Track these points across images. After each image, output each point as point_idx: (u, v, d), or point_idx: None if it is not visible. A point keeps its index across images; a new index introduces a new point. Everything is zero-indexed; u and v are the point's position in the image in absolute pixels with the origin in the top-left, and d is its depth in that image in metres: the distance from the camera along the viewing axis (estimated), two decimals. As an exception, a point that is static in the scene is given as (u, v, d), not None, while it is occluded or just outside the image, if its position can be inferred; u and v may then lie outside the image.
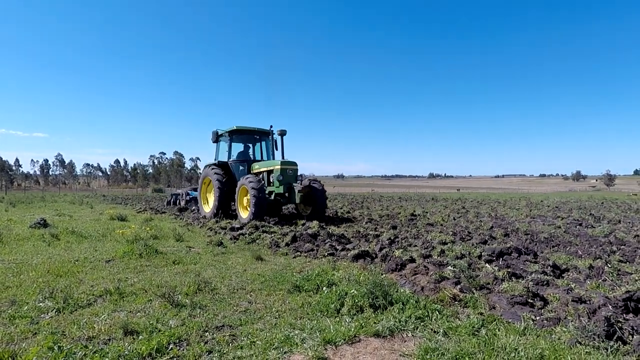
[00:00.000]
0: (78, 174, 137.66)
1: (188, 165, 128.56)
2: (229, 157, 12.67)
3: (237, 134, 12.71)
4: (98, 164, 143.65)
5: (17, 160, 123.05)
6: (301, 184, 11.29)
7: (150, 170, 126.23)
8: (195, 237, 8.25)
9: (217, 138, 12.83)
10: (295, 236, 7.46)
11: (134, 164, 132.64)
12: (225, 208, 11.96)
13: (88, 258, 5.77)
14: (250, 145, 13.46)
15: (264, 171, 11.66)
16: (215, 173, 11.95)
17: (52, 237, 7.52)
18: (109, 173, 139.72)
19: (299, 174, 11.59)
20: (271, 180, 11.21)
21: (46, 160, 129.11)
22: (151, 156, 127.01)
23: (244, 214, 10.79)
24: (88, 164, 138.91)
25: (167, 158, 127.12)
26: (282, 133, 11.85)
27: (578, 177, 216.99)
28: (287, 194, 10.93)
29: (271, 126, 12.55)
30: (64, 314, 3.36)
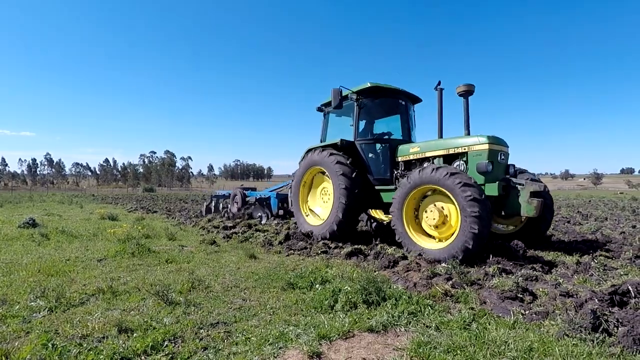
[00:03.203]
0: (67, 173, 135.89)
1: (179, 164, 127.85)
2: (356, 134, 7.60)
3: (371, 97, 7.57)
4: (87, 164, 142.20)
5: (2, 159, 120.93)
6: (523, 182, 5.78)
7: (141, 170, 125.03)
8: (188, 236, 8.21)
9: (340, 102, 7.11)
10: (288, 234, 7.47)
11: (124, 163, 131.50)
12: (354, 222, 7.33)
13: (79, 257, 5.71)
14: (382, 116, 8.30)
15: (432, 157, 6.57)
16: (338, 161, 6.94)
17: (41, 236, 7.42)
18: (98, 172, 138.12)
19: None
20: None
21: (34, 160, 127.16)
22: (141, 155, 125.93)
23: (431, 244, 5.63)
24: (77, 163, 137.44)
25: (157, 157, 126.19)
26: (467, 91, 6.41)
27: (566, 176, 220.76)
28: (500, 199, 5.74)
29: (439, 82, 6.93)
30: (56, 313, 3.33)
